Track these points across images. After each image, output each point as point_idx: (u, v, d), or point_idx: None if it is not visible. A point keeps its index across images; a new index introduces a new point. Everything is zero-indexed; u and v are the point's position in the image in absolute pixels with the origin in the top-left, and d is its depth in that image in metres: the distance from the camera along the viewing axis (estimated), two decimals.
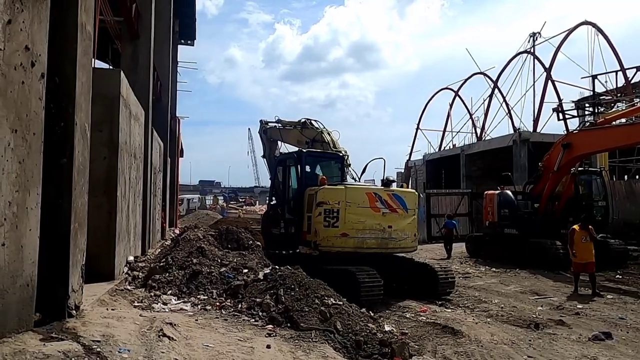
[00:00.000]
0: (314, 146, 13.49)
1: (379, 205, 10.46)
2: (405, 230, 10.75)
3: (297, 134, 14.51)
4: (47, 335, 4.02)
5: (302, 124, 14.46)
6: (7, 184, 3.72)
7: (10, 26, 3.69)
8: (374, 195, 10.50)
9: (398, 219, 10.65)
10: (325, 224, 10.29)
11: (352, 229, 10.22)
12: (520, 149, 26.80)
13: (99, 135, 6.91)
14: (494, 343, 6.80)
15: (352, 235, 10.22)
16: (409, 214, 10.89)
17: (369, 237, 10.34)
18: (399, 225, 10.65)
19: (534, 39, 33.48)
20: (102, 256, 7.28)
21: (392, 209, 10.61)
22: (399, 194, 10.93)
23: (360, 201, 10.36)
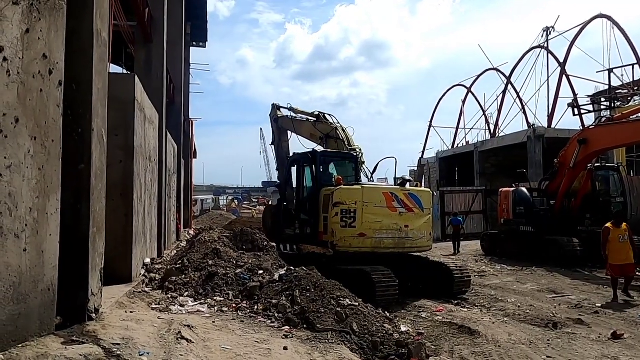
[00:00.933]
0: (328, 142, 13.29)
1: (395, 204, 10.46)
2: (421, 230, 10.74)
3: (311, 127, 14.11)
4: (68, 338, 4.08)
5: (315, 117, 14.02)
6: (28, 190, 3.79)
7: (28, 35, 3.76)
8: (390, 195, 10.49)
9: (414, 219, 10.63)
10: (343, 224, 10.28)
11: (370, 229, 10.23)
12: (535, 145, 26.48)
13: (115, 139, 6.98)
14: (512, 343, 6.73)
15: (369, 235, 10.23)
16: (425, 213, 10.88)
17: (386, 237, 10.34)
18: (415, 224, 10.63)
19: (548, 34, 33.07)
20: (120, 259, 7.37)
21: (409, 208, 10.60)
22: (415, 193, 10.90)
23: (378, 201, 10.36)
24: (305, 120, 14.53)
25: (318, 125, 13.80)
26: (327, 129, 13.47)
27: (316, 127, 13.84)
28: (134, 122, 7.55)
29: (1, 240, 3.53)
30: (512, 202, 17.40)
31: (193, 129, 24.84)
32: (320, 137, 13.54)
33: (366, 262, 9.87)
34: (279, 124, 15.77)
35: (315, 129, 13.87)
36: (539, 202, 16.89)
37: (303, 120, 14.63)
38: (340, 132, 13.07)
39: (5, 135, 3.55)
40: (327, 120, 13.69)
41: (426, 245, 11.04)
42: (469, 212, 27.35)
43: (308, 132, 14.27)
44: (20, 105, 3.69)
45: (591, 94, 30.18)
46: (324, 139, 13.41)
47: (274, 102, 15.92)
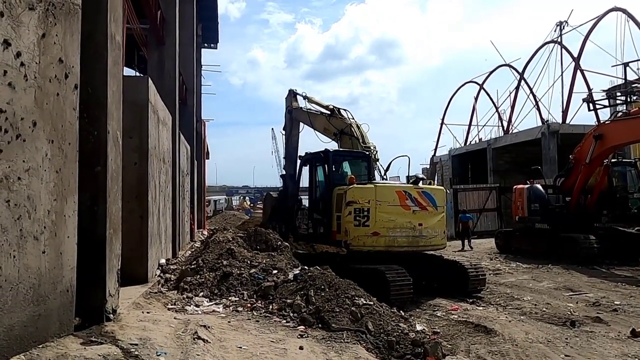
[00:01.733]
0: (342, 139, 13.10)
1: (409, 203, 10.41)
2: (435, 228, 10.67)
3: (325, 121, 13.76)
4: (87, 339, 4.13)
5: (330, 110, 13.67)
6: (46, 193, 3.84)
7: (44, 40, 3.80)
8: (404, 193, 10.45)
9: (428, 217, 10.58)
10: (356, 223, 10.29)
11: (383, 227, 10.21)
12: (549, 142, 26.16)
13: (129, 141, 7.05)
14: (529, 342, 6.66)
15: (383, 234, 10.21)
16: (439, 212, 10.81)
17: (400, 236, 10.30)
18: (429, 222, 10.58)
19: (561, 28, 32.60)
20: (135, 260, 7.44)
21: (422, 206, 10.54)
22: (429, 191, 10.84)
23: (391, 199, 10.33)
24: (319, 113, 14.16)
25: (332, 120, 13.47)
26: (342, 124, 13.16)
27: (330, 121, 13.52)
28: (148, 124, 7.62)
29: (21, 243, 3.59)
30: (526, 199, 17.24)
31: (205, 130, 24.99)
32: (335, 132, 13.27)
33: (380, 261, 9.85)
34: (293, 115, 15.39)
35: (329, 124, 13.55)
36: (554, 199, 16.72)
37: (317, 114, 14.25)
38: (354, 129, 12.80)
39: (23, 139, 3.60)
40: (341, 116, 13.35)
41: (440, 244, 10.96)
42: (483, 209, 27.16)
43: (322, 127, 13.93)
44: (38, 109, 3.74)
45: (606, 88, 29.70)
46: (338, 135, 13.16)
47: (291, 88, 15.42)
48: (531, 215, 16.97)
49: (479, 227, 26.82)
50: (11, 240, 3.49)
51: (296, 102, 15.27)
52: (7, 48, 3.44)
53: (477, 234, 25.89)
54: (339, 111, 13.47)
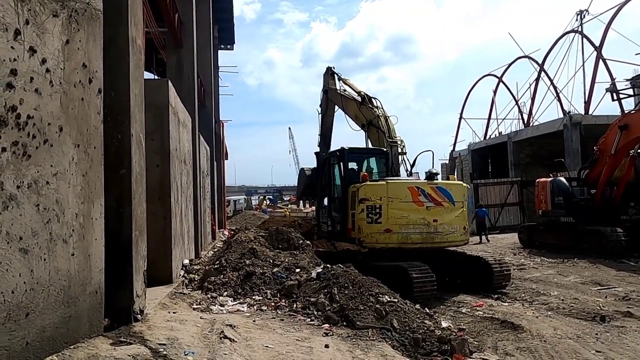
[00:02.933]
0: (369, 130, 12.91)
1: (422, 199, 10.28)
2: (452, 224, 10.48)
3: (356, 108, 13.44)
4: (116, 339, 4.20)
5: (361, 98, 13.30)
6: (74, 196, 3.90)
7: (68, 46, 3.87)
8: (416, 190, 10.33)
9: (444, 213, 10.40)
10: (369, 220, 10.28)
11: (396, 224, 10.13)
12: (571, 133, 25.65)
13: (151, 143, 7.12)
14: (558, 338, 6.54)
15: (395, 230, 10.13)
16: (457, 207, 10.60)
17: (413, 232, 10.18)
18: (446, 218, 10.40)
19: (582, 17, 31.93)
20: (160, 261, 7.52)
21: (437, 202, 10.38)
22: (444, 186, 10.68)
23: (403, 196, 10.23)
24: (352, 99, 13.81)
25: (362, 108, 13.18)
26: (371, 115, 12.88)
27: (361, 110, 13.24)
28: (169, 126, 7.69)
29: (51, 246, 3.66)
30: (550, 192, 16.94)
31: (224, 130, 25.17)
32: (363, 123, 13.06)
33: (402, 258, 9.78)
34: (329, 95, 15.12)
35: (360, 112, 13.27)
36: (579, 191, 16.38)
37: (350, 99, 13.89)
38: (382, 121, 12.51)
39: (50, 144, 3.67)
40: (371, 106, 12.99)
41: (460, 240, 10.75)
42: (504, 204, 26.77)
43: (353, 113, 13.67)
44: (64, 114, 3.81)
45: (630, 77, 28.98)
46: (366, 126, 12.94)
47: (329, 66, 15.06)
48: (555, 208, 16.66)
49: (501, 222, 26.46)
50: (41, 243, 3.56)
51: (333, 81, 14.86)
52: (33, 55, 3.51)
53: (498, 229, 25.55)
54: (370, 100, 13.12)
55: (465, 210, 10.90)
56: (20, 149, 3.40)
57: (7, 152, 3.29)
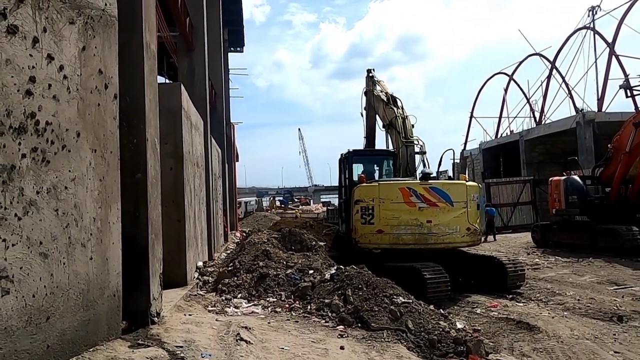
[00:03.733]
0: (388, 130, 12.95)
1: (414, 199, 10.23)
2: (450, 225, 10.27)
3: (382, 109, 13.46)
4: (134, 342, 4.24)
5: (387, 98, 13.31)
6: (91, 201, 3.95)
7: (84, 52, 3.92)
8: (407, 190, 10.29)
9: (439, 213, 10.25)
10: (362, 221, 10.45)
11: (387, 225, 10.20)
12: (584, 131, 25.36)
13: (164, 147, 7.17)
14: (575, 338, 6.47)
15: (387, 231, 10.19)
16: (456, 207, 10.36)
17: (404, 233, 10.18)
18: (442, 219, 10.24)
19: (594, 13, 31.54)
20: (174, 263, 7.57)
21: (431, 203, 10.26)
22: (439, 187, 10.50)
23: (394, 197, 10.26)
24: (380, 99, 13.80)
25: (386, 109, 13.20)
26: (391, 115, 12.87)
27: (385, 110, 13.29)
28: (182, 129, 7.75)
29: (70, 250, 3.71)
30: (563, 191, 16.76)
31: (234, 133, 25.29)
32: (385, 123, 13.13)
33: (415, 259, 9.75)
34: (367, 97, 15.09)
35: (384, 113, 13.33)
36: (593, 190, 16.20)
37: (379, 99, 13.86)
38: (399, 122, 12.50)
39: (68, 149, 3.72)
40: (392, 106, 12.99)
41: (461, 241, 10.45)
42: (517, 203, 26.55)
43: (381, 114, 13.69)
44: (81, 120, 3.86)
45: None
46: (386, 127, 13.01)
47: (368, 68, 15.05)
48: (569, 207, 16.48)
49: (514, 221, 26.24)
50: (61, 247, 3.62)
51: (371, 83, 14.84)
52: (50, 62, 3.57)
53: (511, 229, 25.34)
54: (395, 101, 13.13)
55: (471, 211, 10.54)
56: (40, 155, 3.46)
57: (27, 158, 3.35)
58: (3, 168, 3.17)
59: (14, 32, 3.27)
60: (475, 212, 10.73)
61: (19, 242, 3.25)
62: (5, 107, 3.20)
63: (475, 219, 10.73)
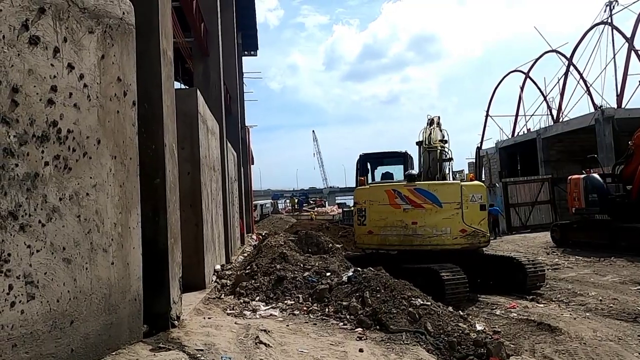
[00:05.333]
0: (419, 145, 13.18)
1: (398, 201, 10.38)
2: (438, 226, 10.18)
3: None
4: (155, 345, 4.28)
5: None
6: (112, 206, 4.02)
7: (103, 61, 3.99)
8: (392, 192, 10.48)
9: (426, 215, 10.24)
10: (358, 222, 11.00)
11: (376, 226, 10.57)
12: (604, 128, 24.91)
13: (182, 152, 7.23)
14: (598, 340, 6.36)
15: (375, 232, 10.57)
16: (445, 209, 10.23)
17: (390, 234, 10.43)
18: (428, 221, 10.21)
19: (611, 8, 31.03)
20: (193, 267, 7.63)
21: (416, 204, 10.29)
22: (425, 188, 10.45)
23: (381, 199, 10.53)
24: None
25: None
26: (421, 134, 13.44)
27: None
28: (199, 134, 7.82)
29: (92, 255, 3.77)
30: (583, 189, 16.50)
31: (249, 136, 25.43)
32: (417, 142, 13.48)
33: (432, 260, 9.70)
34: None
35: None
36: (614, 188, 15.93)
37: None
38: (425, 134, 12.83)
39: (89, 156, 3.78)
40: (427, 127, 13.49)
41: (452, 243, 10.25)
42: (535, 202, 26.22)
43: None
44: (101, 127, 3.93)
45: None
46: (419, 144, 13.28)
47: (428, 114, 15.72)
48: (589, 206, 16.22)
49: (532, 221, 25.93)
50: (83, 253, 3.68)
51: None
52: (71, 71, 3.63)
53: (530, 228, 25.02)
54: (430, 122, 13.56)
55: (467, 212, 10.31)
56: (62, 163, 3.52)
57: (50, 166, 3.42)
58: (27, 176, 3.24)
59: (36, 43, 3.34)
60: (476, 213, 10.42)
61: (43, 248, 3.32)
62: (28, 117, 3.27)
63: (476, 220, 10.41)
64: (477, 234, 10.43)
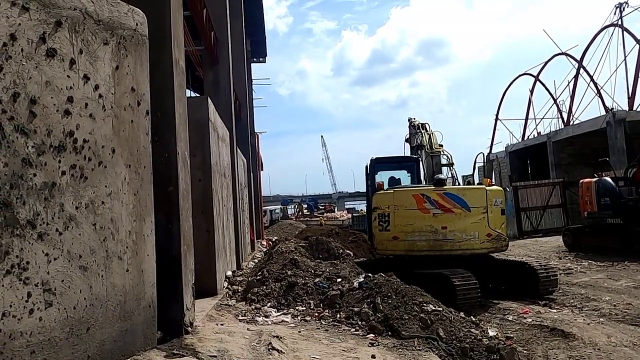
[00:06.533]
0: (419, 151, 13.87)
1: (427, 206, 10.26)
2: (467, 231, 10.18)
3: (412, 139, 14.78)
4: (169, 352, 4.32)
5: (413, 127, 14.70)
6: (127, 214, 4.08)
7: (118, 71, 4.06)
8: (421, 197, 10.36)
9: (455, 220, 10.19)
10: (380, 228, 10.68)
11: (402, 231, 10.33)
12: (615, 131, 24.70)
13: (193, 159, 7.30)
14: (613, 345, 6.30)
15: (402, 238, 10.32)
16: (473, 213, 10.25)
17: (419, 240, 10.23)
18: (457, 225, 10.17)
19: (621, 10, 30.87)
20: (205, 273, 7.67)
21: (446, 209, 10.22)
22: (455, 192, 10.45)
23: (408, 204, 10.37)
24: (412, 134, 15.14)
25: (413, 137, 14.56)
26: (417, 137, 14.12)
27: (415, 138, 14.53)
28: (210, 141, 7.89)
29: (107, 263, 3.83)
30: (595, 193, 16.35)
31: (259, 142, 25.56)
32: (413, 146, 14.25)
33: (443, 265, 9.67)
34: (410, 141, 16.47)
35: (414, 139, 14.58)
36: (626, 191, 15.75)
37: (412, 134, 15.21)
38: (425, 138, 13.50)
39: (104, 165, 3.85)
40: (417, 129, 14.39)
41: (480, 247, 10.30)
42: (546, 206, 25.99)
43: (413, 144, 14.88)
44: (115, 137, 3.99)
45: None
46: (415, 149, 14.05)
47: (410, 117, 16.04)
48: (602, 210, 16.07)
49: (543, 225, 25.70)
50: (99, 260, 3.74)
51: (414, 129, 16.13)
52: (86, 82, 3.71)
53: (541, 232, 24.80)
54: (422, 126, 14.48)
55: (492, 216, 10.34)
56: (78, 172, 3.59)
57: (67, 175, 3.49)
58: (45, 185, 3.31)
59: (53, 55, 3.42)
60: (498, 218, 10.54)
61: (60, 256, 3.38)
62: (45, 127, 3.34)
63: (498, 224, 10.53)
64: (499, 237, 10.53)
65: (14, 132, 3.12)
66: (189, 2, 9.54)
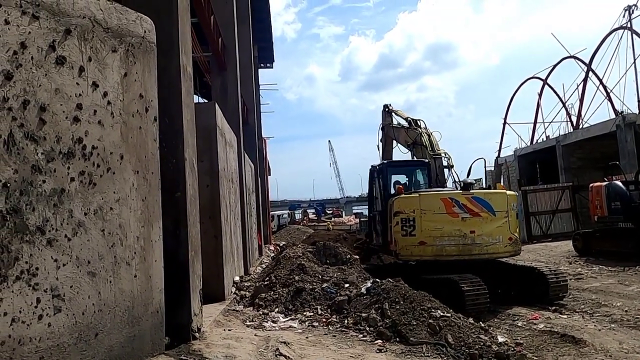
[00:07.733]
0: (415, 149, 13.43)
1: (456, 210, 10.13)
2: (493, 235, 10.14)
3: (404, 133, 14.12)
4: (177, 357, 4.33)
5: (407, 122, 14.13)
6: (135, 220, 4.10)
7: (126, 78, 4.10)
8: (450, 201, 10.20)
9: (482, 223, 10.13)
10: (403, 233, 10.35)
11: (430, 236, 10.09)
12: (625, 134, 24.44)
13: (201, 165, 7.33)
14: (624, 352, 6.21)
15: (430, 243, 10.08)
16: (498, 217, 10.24)
17: (448, 244, 10.06)
18: (485, 229, 10.11)
19: (630, 13, 30.63)
20: (212, 279, 7.69)
21: (474, 213, 10.13)
22: (482, 196, 10.39)
23: (436, 208, 10.17)
24: (401, 127, 14.57)
25: (409, 131, 13.83)
26: (414, 135, 13.44)
27: (408, 133, 13.87)
28: (217, 147, 7.93)
29: (115, 268, 3.85)
30: (605, 197, 16.17)
31: (266, 147, 25.62)
32: (409, 143, 13.67)
33: (452, 270, 9.61)
34: (385, 131, 15.81)
35: (407, 135, 13.89)
36: (637, 195, 15.57)
37: (400, 128, 14.65)
38: (424, 138, 12.97)
39: (113, 171, 3.88)
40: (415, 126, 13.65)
41: (503, 251, 10.31)
42: (556, 210, 25.75)
43: (403, 139, 14.27)
44: (124, 143, 4.02)
45: None
46: (411, 146, 13.55)
47: (385, 104, 15.73)
48: (612, 214, 15.88)
49: (553, 230, 25.45)
50: (107, 266, 3.76)
51: (389, 118, 15.57)
52: (95, 89, 3.75)
53: (550, 237, 24.57)
54: (415, 122, 13.81)
55: (511, 220, 10.43)
56: (87, 178, 3.62)
57: (76, 182, 3.52)
58: (54, 191, 3.34)
59: (62, 63, 3.46)
60: (515, 222, 10.60)
61: (69, 262, 3.40)
62: (55, 134, 3.38)
63: (515, 228, 10.60)
64: (517, 241, 10.57)
65: (24, 139, 3.16)
66: (197, 9, 9.61)
